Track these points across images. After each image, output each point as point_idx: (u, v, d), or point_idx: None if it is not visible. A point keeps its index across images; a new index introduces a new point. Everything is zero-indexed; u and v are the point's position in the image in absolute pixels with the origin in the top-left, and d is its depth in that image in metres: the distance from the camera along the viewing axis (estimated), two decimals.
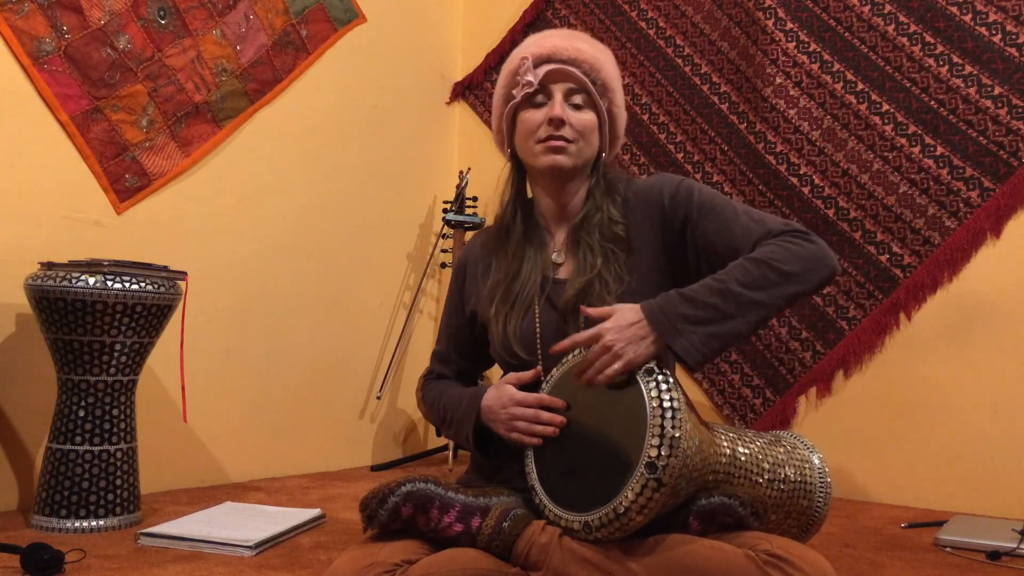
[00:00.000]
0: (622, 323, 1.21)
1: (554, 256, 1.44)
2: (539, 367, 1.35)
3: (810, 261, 1.25)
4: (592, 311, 1.26)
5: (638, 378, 1.18)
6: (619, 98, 1.45)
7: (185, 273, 2.17)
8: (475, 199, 3.23)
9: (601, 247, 1.37)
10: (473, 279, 1.50)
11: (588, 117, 1.40)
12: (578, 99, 1.39)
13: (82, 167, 2.36)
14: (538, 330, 1.37)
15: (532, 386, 1.34)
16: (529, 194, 1.50)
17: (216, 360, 2.66)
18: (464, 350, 1.54)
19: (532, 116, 1.39)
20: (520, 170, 1.48)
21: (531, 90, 1.38)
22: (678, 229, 1.37)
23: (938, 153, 2.56)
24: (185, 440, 2.57)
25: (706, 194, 1.38)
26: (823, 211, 2.72)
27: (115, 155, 2.42)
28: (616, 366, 1.19)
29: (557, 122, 1.37)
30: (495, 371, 1.53)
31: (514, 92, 1.41)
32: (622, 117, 1.48)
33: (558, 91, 1.39)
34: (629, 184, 1.44)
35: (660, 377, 1.16)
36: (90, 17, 2.37)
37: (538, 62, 1.40)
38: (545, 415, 1.26)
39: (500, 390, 1.34)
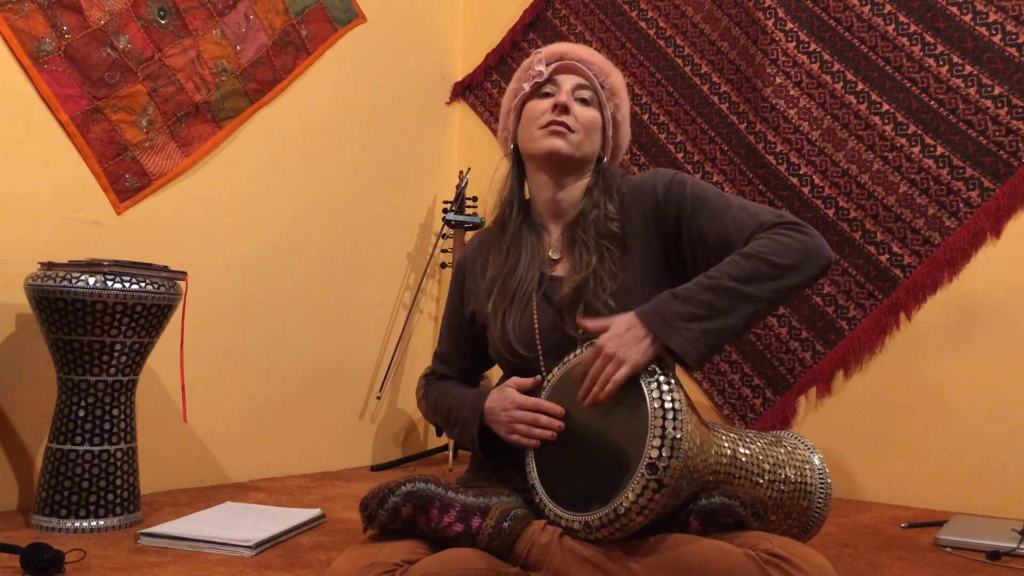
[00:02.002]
0: (619, 331, 1.21)
1: (550, 253, 1.44)
2: (540, 376, 1.36)
3: (804, 253, 1.24)
4: (589, 323, 1.26)
5: (639, 379, 1.18)
6: (625, 109, 1.47)
7: (185, 273, 2.17)
8: (475, 199, 3.23)
9: (596, 244, 1.37)
10: (473, 278, 1.51)
11: (592, 114, 1.42)
12: (585, 94, 1.42)
13: (82, 167, 2.36)
14: (537, 328, 1.37)
15: (535, 390, 1.35)
16: (527, 194, 1.50)
17: (216, 360, 2.65)
18: (465, 350, 1.54)
19: (538, 104, 1.42)
20: (520, 168, 1.49)
21: (541, 79, 1.41)
22: (672, 224, 1.36)
23: (938, 153, 2.56)
24: (185, 440, 2.57)
25: (699, 187, 1.37)
26: (823, 211, 2.72)
27: (115, 155, 2.42)
28: (622, 372, 1.18)
29: (562, 107, 1.39)
30: (494, 372, 1.52)
31: (524, 84, 1.44)
32: (626, 129, 1.49)
33: (567, 82, 1.42)
34: (623, 181, 1.44)
35: (662, 378, 1.16)
36: (90, 17, 2.36)
37: (551, 59, 1.43)
38: (543, 419, 1.27)
39: (502, 392, 1.35)
